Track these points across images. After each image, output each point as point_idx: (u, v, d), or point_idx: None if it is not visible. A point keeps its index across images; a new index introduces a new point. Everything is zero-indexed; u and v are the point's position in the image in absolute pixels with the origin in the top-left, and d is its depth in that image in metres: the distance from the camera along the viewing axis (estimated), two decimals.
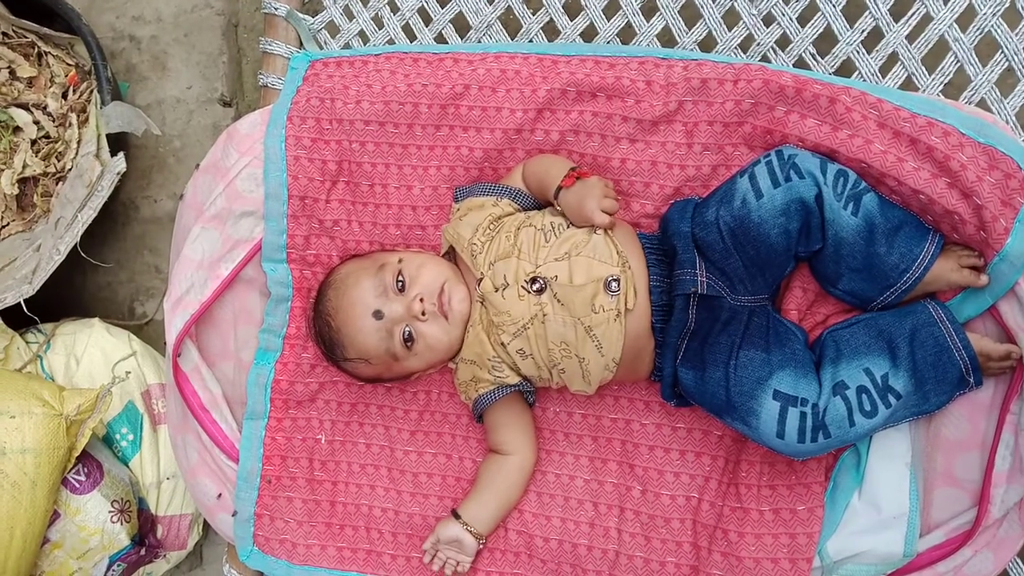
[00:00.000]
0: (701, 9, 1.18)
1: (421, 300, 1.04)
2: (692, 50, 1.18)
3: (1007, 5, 1.07)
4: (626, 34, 1.22)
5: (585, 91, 1.12)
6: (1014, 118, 1.07)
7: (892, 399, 0.95)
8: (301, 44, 1.32)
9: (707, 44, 1.19)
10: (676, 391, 1.06)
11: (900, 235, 0.97)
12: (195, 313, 1.19)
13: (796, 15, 1.15)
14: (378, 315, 1.06)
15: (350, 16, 1.32)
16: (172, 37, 1.74)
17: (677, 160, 1.09)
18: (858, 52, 1.13)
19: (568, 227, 1.06)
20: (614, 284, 1.01)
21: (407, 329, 1.06)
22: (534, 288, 1.02)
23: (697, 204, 1.04)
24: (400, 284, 1.06)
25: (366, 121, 1.18)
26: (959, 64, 1.10)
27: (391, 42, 1.30)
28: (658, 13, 1.20)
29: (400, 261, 1.09)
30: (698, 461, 1.10)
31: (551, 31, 1.25)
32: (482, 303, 1.07)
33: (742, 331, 0.99)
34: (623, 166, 1.12)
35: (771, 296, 1.05)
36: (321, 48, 1.32)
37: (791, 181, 0.95)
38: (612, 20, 1.22)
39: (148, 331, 1.70)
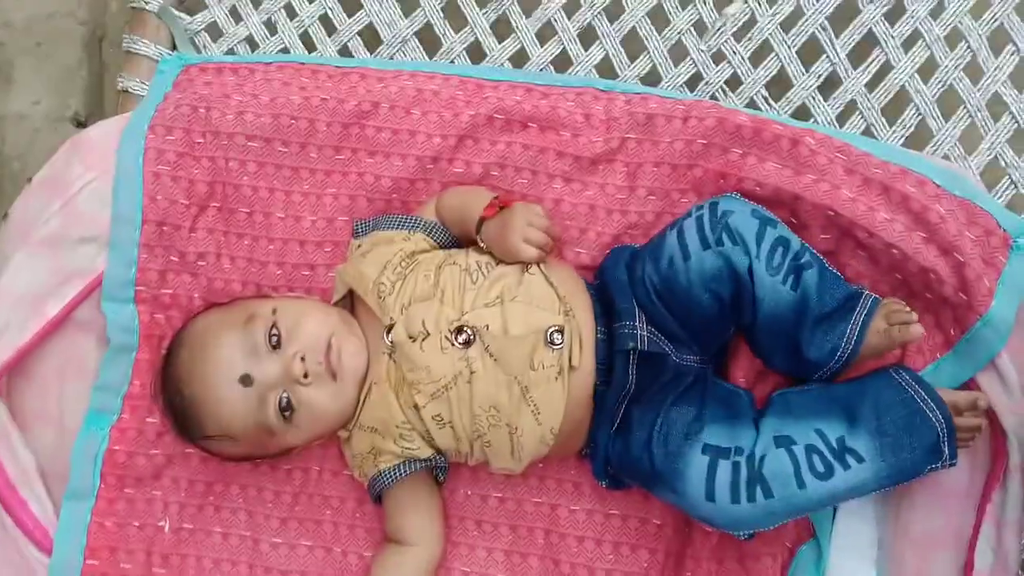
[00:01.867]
0: (645, 41, 1.07)
1: (303, 359, 0.84)
2: (635, 84, 1.05)
3: (968, 60, 1.01)
4: (561, 62, 1.09)
5: (515, 120, 0.99)
6: (977, 177, 0.99)
7: (852, 460, 0.82)
8: (175, 47, 1.11)
9: (651, 79, 1.07)
10: (608, 469, 0.92)
11: (833, 317, 0.87)
12: (8, 360, 0.95)
13: (748, 54, 1.05)
14: (246, 380, 0.86)
15: (237, 18, 1.12)
16: (21, 45, 1.51)
17: (617, 205, 0.97)
18: (814, 98, 1.03)
19: (497, 264, 0.91)
20: (557, 336, 0.85)
21: (285, 396, 0.86)
22: (460, 340, 0.85)
23: (633, 253, 0.93)
24: (274, 339, 0.87)
25: (248, 136, 0.99)
26: (921, 116, 1.01)
27: (285, 51, 1.11)
28: (597, 42, 1.08)
29: (274, 311, 0.89)
30: (634, 556, 0.94)
31: (476, 53, 1.10)
32: (390, 356, 0.87)
33: (680, 390, 0.87)
34: (557, 208, 0.98)
35: (715, 359, 0.94)
36: (199, 52, 1.11)
37: (722, 245, 0.85)
38: (546, 46, 1.09)
39: None
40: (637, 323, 0.87)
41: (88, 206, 0.98)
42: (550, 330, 0.86)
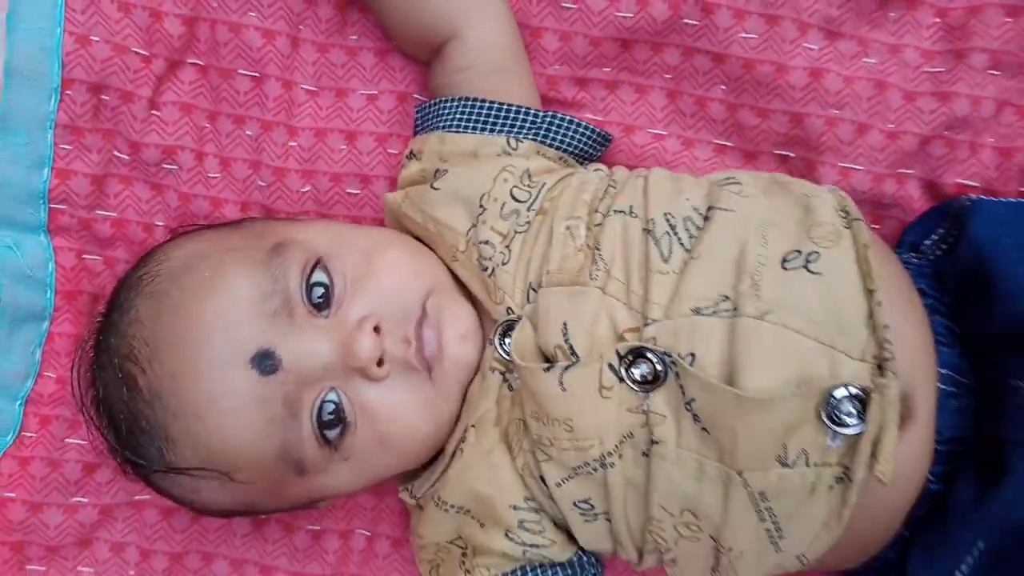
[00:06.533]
0: None
1: (377, 329, 0.48)
2: None
3: None
4: None
5: None
6: None
7: None
8: None
9: None
10: None
11: None
12: None
13: None
14: (265, 362, 0.47)
15: None
16: None
17: (927, 83, 0.57)
18: None
19: (718, 207, 0.48)
20: (849, 410, 0.42)
21: (332, 398, 0.48)
22: (636, 374, 0.45)
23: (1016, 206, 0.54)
24: (320, 292, 0.49)
25: None
26: None
27: None
28: None
29: (319, 241, 0.53)
30: None
31: None
32: (504, 377, 0.50)
33: None
34: (812, 84, 0.57)
35: None
36: None
37: None
38: None
39: None
40: None
41: None
42: (836, 392, 0.42)
